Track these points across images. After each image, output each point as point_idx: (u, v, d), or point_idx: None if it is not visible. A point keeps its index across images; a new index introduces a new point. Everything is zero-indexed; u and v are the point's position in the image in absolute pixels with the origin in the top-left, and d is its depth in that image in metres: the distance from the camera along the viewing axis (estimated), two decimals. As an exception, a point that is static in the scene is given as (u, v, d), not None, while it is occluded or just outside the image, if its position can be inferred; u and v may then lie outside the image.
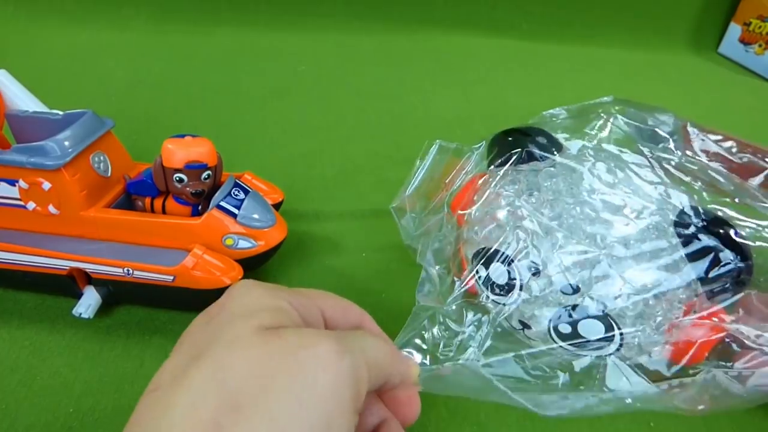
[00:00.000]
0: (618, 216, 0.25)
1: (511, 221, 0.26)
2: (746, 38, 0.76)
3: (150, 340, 0.33)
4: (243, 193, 0.35)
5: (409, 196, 0.33)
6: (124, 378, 0.31)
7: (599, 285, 0.23)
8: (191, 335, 0.20)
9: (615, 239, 0.24)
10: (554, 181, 0.27)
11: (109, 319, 0.34)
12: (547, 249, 0.25)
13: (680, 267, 0.23)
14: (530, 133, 0.30)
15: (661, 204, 0.25)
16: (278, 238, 0.34)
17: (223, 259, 0.33)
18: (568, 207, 0.25)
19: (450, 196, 0.32)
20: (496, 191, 0.28)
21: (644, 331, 0.23)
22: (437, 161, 0.33)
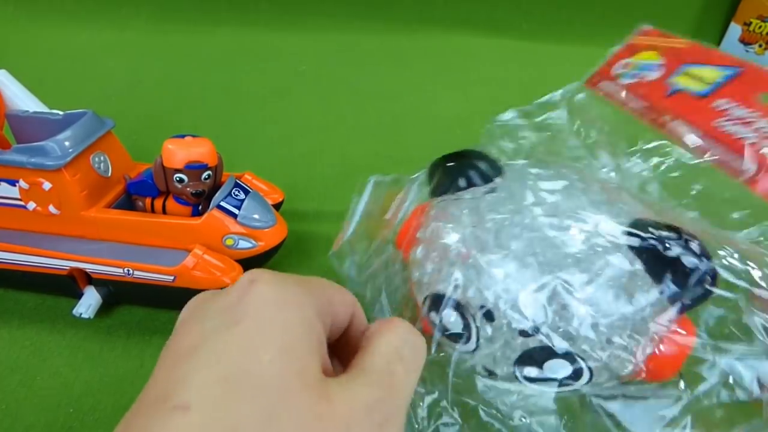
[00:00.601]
0: (567, 236, 0.23)
1: (455, 259, 0.24)
2: (746, 38, 0.76)
3: (150, 340, 0.33)
4: (243, 193, 0.35)
5: (349, 239, 0.30)
6: (124, 378, 0.31)
7: (558, 318, 0.22)
8: (209, 358, 0.17)
9: (568, 263, 0.22)
10: (496, 207, 0.25)
11: (110, 319, 0.34)
12: (496, 286, 0.23)
13: (642, 281, 0.22)
14: (469, 157, 0.29)
15: (612, 217, 0.24)
16: (278, 238, 0.35)
17: (223, 259, 0.33)
18: (514, 234, 0.24)
19: (393, 232, 0.30)
20: (437, 225, 0.27)
21: (613, 355, 0.22)
22: (375, 197, 0.31)
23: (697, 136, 0.29)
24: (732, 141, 0.28)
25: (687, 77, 0.32)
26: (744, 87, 0.30)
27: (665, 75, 0.33)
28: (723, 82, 0.30)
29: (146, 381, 0.32)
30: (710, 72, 0.31)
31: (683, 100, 0.32)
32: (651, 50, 0.35)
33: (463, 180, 0.28)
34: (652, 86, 0.34)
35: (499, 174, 0.28)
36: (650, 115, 0.33)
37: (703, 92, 0.31)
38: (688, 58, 0.33)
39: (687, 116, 0.31)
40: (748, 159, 0.27)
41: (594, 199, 0.25)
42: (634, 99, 0.35)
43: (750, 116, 0.28)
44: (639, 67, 0.35)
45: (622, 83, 0.35)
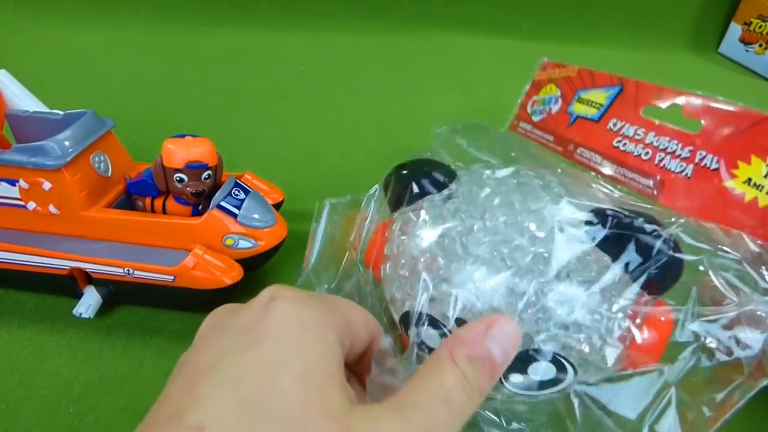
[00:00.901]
0: (530, 235, 0.23)
1: (424, 272, 0.24)
2: (747, 38, 0.76)
3: (150, 340, 0.33)
4: (243, 193, 0.35)
5: (314, 268, 0.29)
6: (124, 378, 0.31)
7: (536, 321, 0.22)
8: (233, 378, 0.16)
9: (536, 263, 0.22)
10: (457, 214, 0.25)
11: (110, 319, 0.34)
12: (469, 296, 0.22)
13: (606, 263, 0.22)
14: (422, 166, 0.28)
15: (571, 208, 0.24)
16: (279, 238, 0.34)
17: (223, 259, 0.33)
18: (478, 240, 0.23)
19: (360, 252, 0.29)
20: (402, 240, 0.26)
21: (594, 347, 0.22)
22: (333, 221, 0.30)
23: (606, 162, 0.31)
24: (632, 159, 0.30)
25: (581, 104, 0.34)
26: (626, 105, 0.31)
27: (564, 106, 0.35)
28: (610, 103, 0.32)
29: (146, 382, 0.32)
30: (598, 95, 0.33)
31: (583, 127, 0.34)
32: (550, 83, 0.36)
33: (418, 188, 0.27)
34: (556, 119, 0.35)
35: (452, 178, 0.28)
36: (559, 146, 0.35)
37: (596, 116, 0.33)
38: (578, 84, 0.34)
39: (588, 142, 0.33)
40: (647, 175, 0.28)
41: (552, 191, 0.25)
42: (545, 134, 0.37)
43: (638, 133, 0.30)
44: (544, 102, 0.36)
45: (534, 120, 0.37)
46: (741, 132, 0.25)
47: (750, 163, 0.24)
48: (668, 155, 0.28)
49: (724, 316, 0.22)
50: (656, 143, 0.29)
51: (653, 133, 0.29)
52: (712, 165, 0.26)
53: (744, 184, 0.24)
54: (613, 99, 0.32)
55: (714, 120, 0.26)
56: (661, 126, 0.29)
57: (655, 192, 0.28)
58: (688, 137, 0.27)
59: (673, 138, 0.28)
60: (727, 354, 0.22)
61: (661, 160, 0.28)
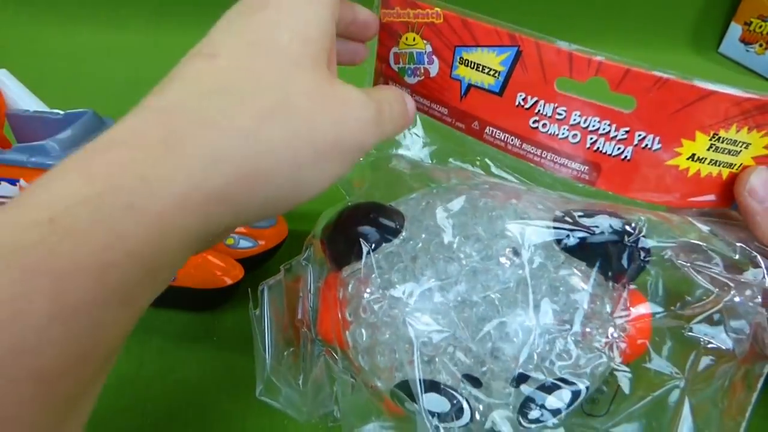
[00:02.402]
0: (507, 263, 0.22)
1: (411, 335, 0.22)
2: (747, 38, 0.77)
3: (150, 340, 0.33)
4: (243, 193, 0.35)
5: (273, 370, 0.25)
6: (124, 378, 0.31)
7: (542, 352, 0.21)
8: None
9: (527, 292, 0.22)
10: (422, 265, 0.23)
11: (110, 319, 0.34)
12: (469, 347, 0.22)
13: (587, 275, 0.22)
14: (365, 213, 0.26)
15: (536, 221, 0.23)
16: (279, 238, 0.34)
17: (223, 258, 0.33)
18: (458, 287, 0.22)
19: (313, 330, 0.26)
20: (370, 301, 0.24)
21: (594, 363, 0.22)
22: (274, 305, 0.26)
23: (528, 146, 0.26)
24: (558, 143, 0.25)
25: (469, 69, 0.26)
26: (531, 74, 0.24)
27: (445, 68, 0.26)
28: (508, 70, 0.25)
29: (146, 382, 0.32)
30: (488, 57, 0.25)
31: (483, 101, 0.26)
32: (410, 31, 0.26)
33: (367, 241, 0.24)
34: (441, 85, 0.27)
35: (401, 223, 0.25)
36: (460, 122, 0.27)
37: (496, 87, 0.25)
38: (452, 37, 0.26)
39: (496, 121, 0.26)
40: (580, 160, 0.25)
41: (509, 210, 0.24)
42: (434, 104, 0.28)
43: (560, 112, 0.24)
44: (414, 60, 0.27)
45: (409, 82, 0.28)
46: (683, 108, 0.22)
47: (694, 140, 0.22)
48: (601, 137, 0.24)
49: (712, 312, 0.22)
50: (584, 124, 0.24)
51: (578, 112, 0.24)
52: (653, 146, 0.23)
53: (688, 160, 0.23)
54: (510, 65, 0.24)
55: (650, 96, 0.22)
56: (586, 103, 0.24)
57: (590, 177, 0.25)
58: (622, 117, 0.23)
59: (604, 118, 0.23)
60: (723, 348, 0.22)
61: (593, 142, 0.24)
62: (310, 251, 0.27)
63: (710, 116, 0.22)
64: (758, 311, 0.22)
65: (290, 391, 0.26)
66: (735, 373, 0.22)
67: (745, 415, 0.22)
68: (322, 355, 0.26)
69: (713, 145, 0.23)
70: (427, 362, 0.22)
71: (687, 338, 0.22)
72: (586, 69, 0.23)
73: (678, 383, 0.22)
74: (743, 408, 0.22)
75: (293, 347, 0.26)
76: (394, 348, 0.23)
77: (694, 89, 0.22)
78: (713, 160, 0.23)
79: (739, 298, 0.22)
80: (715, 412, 0.22)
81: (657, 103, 0.22)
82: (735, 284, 0.22)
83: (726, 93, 0.21)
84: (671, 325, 0.23)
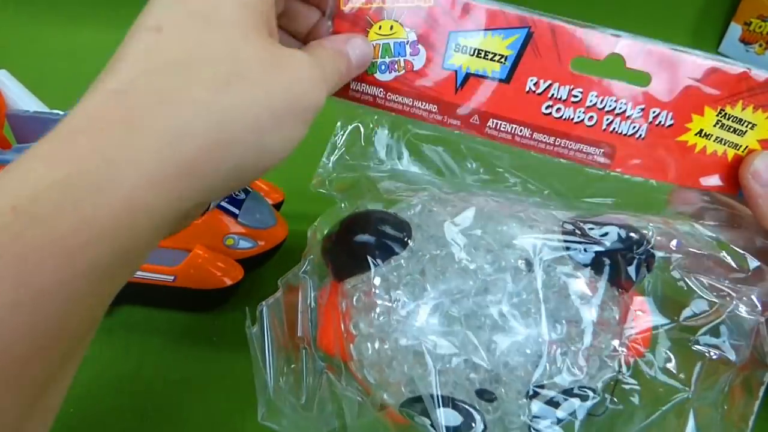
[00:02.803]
0: (523, 277, 0.22)
1: (422, 350, 0.22)
2: (747, 38, 0.76)
3: (150, 340, 0.33)
4: (243, 193, 0.35)
5: (276, 394, 0.24)
6: (124, 378, 0.31)
7: (554, 364, 0.22)
8: None
9: (541, 305, 0.22)
10: (435, 280, 0.22)
11: (110, 319, 0.34)
12: (483, 363, 0.21)
13: (592, 287, 0.22)
14: (370, 223, 0.24)
15: (545, 231, 0.23)
16: (279, 238, 0.34)
17: (223, 259, 0.33)
18: (467, 303, 0.22)
19: (313, 345, 0.25)
20: (373, 318, 0.23)
21: (605, 368, 0.22)
22: (275, 323, 0.25)
23: (539, 135, 0.24)
24: (573, 128, 0.24)
25: (466, 56, 0.23)
26: (545, 57, 0.23)
27: (434, 57, 0.24)
28: (517, 53, 0.23)
29: (146, 382, 0.31)
30: (492, 41, 0.23)
31: (484, 91, 0.24)
32: (384, 20, 0.23)
33: (372, 253, 0.23)
34: (428, 78, 0.24)
35: (410, 233, 0.24)
36: (451, 119, 0.25)
37: (502, 74, 0.23)
38: (446, 23, 0.23)
39: (501, 111, 0.24)
40: (595, 144, 0.24)
41: (517, 220, 0.24)
42: (418, 102, 0.25)
43: (575, 94, 0.23)
44: (390, 52, 0.24)
45: (382, 80, 0.25)
46: (695, 83, 0.23)
47: (703, 115, 0.23)
48: (618, 117, 0.23)
49: (715, 323, 0.22)
50: (600, 105, 0.23)
51: (594, 92, 0.23)
52: (666, 122, 0.23)
53: (696, 136, 0.23)
54: (521, 48, 0.23)
55: (665, 72, 0.23)
56: (602, 83, 0.23)
57: (605, 160, 0.24)
58: (638, 94, 0.23)
59: (621, 97, 0.23)
60: (728, 358, 0.22)
61: (609, 123, 0.24)
62: (309, 262, 0.26)
63: (717, 91, 0.23)
64: (759, 320, 0.22)
65: (293, 412, 0.25)
66: (734, 380, 0.22)
67: (748, 423, 0.22)
68: (324, 372, 0.25)
69: (719, 122, 0.23)
70: (441, 379, 0.22)
71: (692, 350, 0.22)
72: (605, 46, 0.23)
73: (685, 395, 0.22)
74: (746, 416, 0.22)
75: (294, 365, 0.25)
76: (403, 363, 0.22)
77: (703, 64, 0.22)
78: (719, 137, 0.23)
79: (741, 307, 0.22)
80: (716, 417, 0.22)
81: (671, 78, 0.23)
82: (737, 293, 0.22)
83: (732, 68, 0.22)
84: (675, 337, 0.23)
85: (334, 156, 0.28)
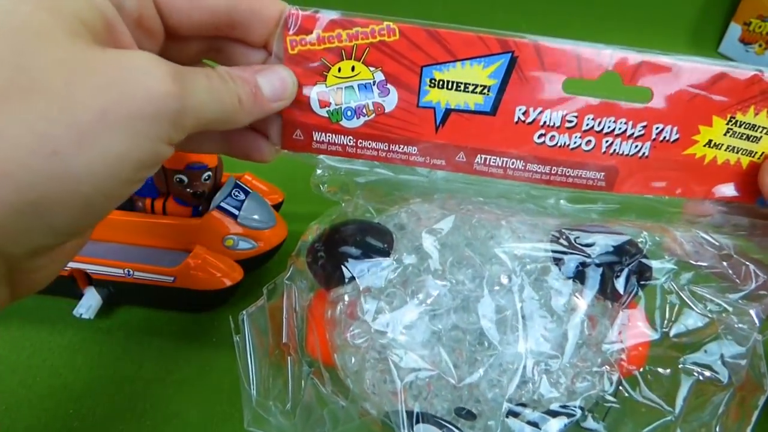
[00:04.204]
0: (495, 290, 0.21)
1: (403, 365, 0.21)
2: (746, 38, 0.76)
3: (150, 341, 0.33)
4: (243, 194, 0.35)
5: (258, 402, 0.24)
6: (124, 379, 0.31)
7: (539, 381, 0.21)
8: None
9: (521, 321, 0.21)
10: (416, 291, 0.22)
11: (110, 320, 0.34)
12: (464, 380, 0.21)
13: (580, 302, 0.22)
14: (355, 233, 0.24)
15: (532, 243, 0.23)
16: (278, 239, 0.35)
17: (223, 260, 0.33)
18: (451, 318, 0.21)
19: (300, 351, 0.25)
20: (354, 331, 0.23)
21: (583, 388, 0.21)
22: (259, 328, 0.25)
23: (533, 166, 0.23)
24: (568, 155, 0.22)
25: (441, 91, 0.21)
26: (536, 82, 0.21)
27: (409, 96, 0.22)
28: (501, 82, 0.21)
29: (146, 382, 0.31)
30: (471, 72, 0.21)
31: (468, 126, 0.22)
32: (344, 59, 0.21)
33: (353, 263, 0.23)
34: (403, 120, 0.22)
35: (391, 244, 0.23)
36: (435, 159, 0.23)
37: (486, 106, 0.22)
38: (416, 57, 0.21)
39: (490, 145, 0.22)
40: (595, 168, 0.23)
41: (502, 231, 0.23)
42: (396, 146, 0.23)
43: (569, 119, 0.22)
44: (355, 95, 0.22)
45: (348, 128, 0.23)
46: (700, 93, 0.21)
47: (711, 125, 0.21)
48: (618, 138, 0.22)
49: (706, 343, 0.21)
50: (598, 127, 0.22)
51: (591, 115, 0.21)
52: (671, 137, 0.22)
53: (704, 147, 0.22)
54: (504, 76, 0.21)
55: (665, 85, 0.21)
56: (600, 104, 0.21)
57: (606, 183, 0.23)
58: (638, 112, 0.21)
59: (620, 117, 0.21)
60: (720, 379, 0.21)
61: (609, 145, 0.22)
62: (293, 269, 0.25)
63: (726, 98, 0.21)
64: (756, 339, 0.21)
65: (280, 418, 0.24)
66: (730, 401, 0.21)
67: None
68: (310, 378, 0.25)
69: (730, 130, 0.21)
70: (419, 396, 0.21)
71: (679, 369, 0.22)
72: (598, 64, 0.21)
73: (669, 417, 0.21)
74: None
75: (281, 371, 0.25)
76: (383, 378, 0.22)
77: (708, 71, 0.21)
78: (730, 146, 0.22)
79: (738, 324, 0.21)
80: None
81: (673, 91, 0.21)
82: (735, 308, 0.21)
83: (741, 72, 0.21)
84: (665, 355, 0.22)
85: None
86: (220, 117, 0.19)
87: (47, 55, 0.15)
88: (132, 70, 0.16)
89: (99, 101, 0.15)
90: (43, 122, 0.14)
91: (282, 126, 0.24)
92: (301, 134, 0.24)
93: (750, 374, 0.21)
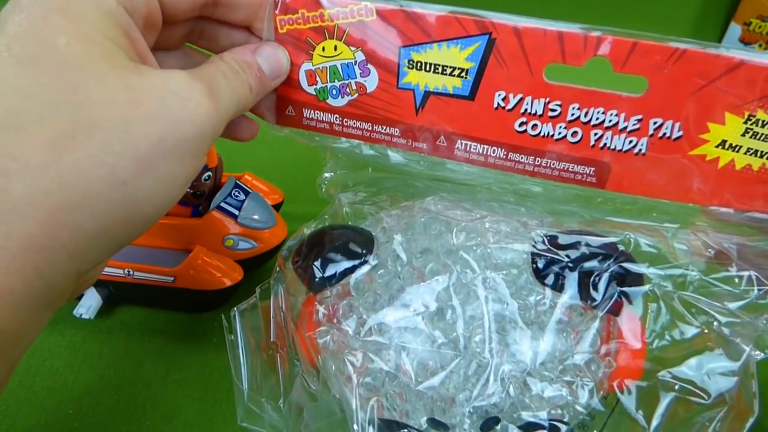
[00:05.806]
0: (475, 297, 0.21)
1: (374, 372, 0.21)
2: (746, 38, 0.76)
3: (150, 341, 0.33)
4: (243, 194, 0.35)
5: (250, 398, 0.24)
6: (124, 379, 0.31)
7: (520, 391, 0.20)
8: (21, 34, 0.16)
9: (502, 329, 0.20)
10: (393, 297, 0.22)
11: (110, 320, 0.34)
12: (437, 388, 0.20)
13: (563, 310, 0.21)
14: (338, 237, 0.24)
15: (519, 254, 0.22)
16: (278, 239, 0.35)
17: (223, 260, 0.33)
18: (428, 326, 0.21)
19: (288, 349, 0.25)
20: (331, 337, 0.23)
21: (565, 400, 0.20)
22: (251, 326, 0.25)
23: (515, 156, 0.22)
24: (553, 146, 0.21)
25: (420, 73, 0.21)
26: (516, 67, 0.20)
27: (389, 77, 0.21)
28: (479, 65, 0.20)
29: (146, 382, 0.31)
30: (448, 54, 0.20)
31: (447, 110, 0.21)
32: (327, 38, 0.21)
33: (335, 266, 0.23)
34: (384, 100, 0.22)
35: (371, 247, 0.23)
36: (416, 142, 0.23)
37: (465, 90, 0.21)
38: (394, 37, 0.20)
39: (469, 131, 0.21)
40: (583, 162, 0.21)
41: (483, 237, 0.23)
42: (374, 127, 0.23)
43: (552, 107, 0.20)
44: (338, 75, 0.22)
45: (335, 106, 0.23)
46: (708, 85, 0.18)
47: (724, 123, 0.19)
48: (608, 131, 0.20)
49: (692, 356, 0.20)
50: (585, 118, 0.20)
51: (576, 105, 0.20)
52: (673, 134, 0.19)
53: (717, 148, 0.19)
54: (482, 59, 0.20)
55: (665, 74, 0.18)
56: (585, 92, 0.20)
57: (597, 180, 0.21)
58: (632, 103, 0.19)
59: (610, 107, 0.19)
60: (705, 397, 0.19)
61: (599, 138, 0.20)
62: (279, 271, 0.26)
63: (742, 93, 0.18)
64: (751, 354, 0.19)
65: (272, 414, 0.24)
66: (719, 420, 0.19)
67: None
68: (299, 375, 0.25)
69: (749, 130, 0.19)
70: (393, 404, 0.21)
71: (660, 383, 0.20)
72: (583, 49, 0.19)
73: None
74: None
75: (273, 367, 0.25)
76: (353, 383, 0.22)
77: (719, 60, 0.18)
78: (751, 148, 0.19)
79: (732, 338, 0.20)
80: None
81: (674, 81, 0.19)
82: (728, 320, 0.20)
83: (762, 62, 0.17)
84: (650, 368, 0.20)
85: (332, 161, 0.28)
86: (237, 110, 0.20)
87: (98, 91, 0.16)
88: (173, 96, 0.17)
89: (152, 132, 0.16)
90: (111, 156, 0.15)
91: (276, 101, 0.24)
92: (293, 110, 0.24)
93: (740, 393, 0.19)
